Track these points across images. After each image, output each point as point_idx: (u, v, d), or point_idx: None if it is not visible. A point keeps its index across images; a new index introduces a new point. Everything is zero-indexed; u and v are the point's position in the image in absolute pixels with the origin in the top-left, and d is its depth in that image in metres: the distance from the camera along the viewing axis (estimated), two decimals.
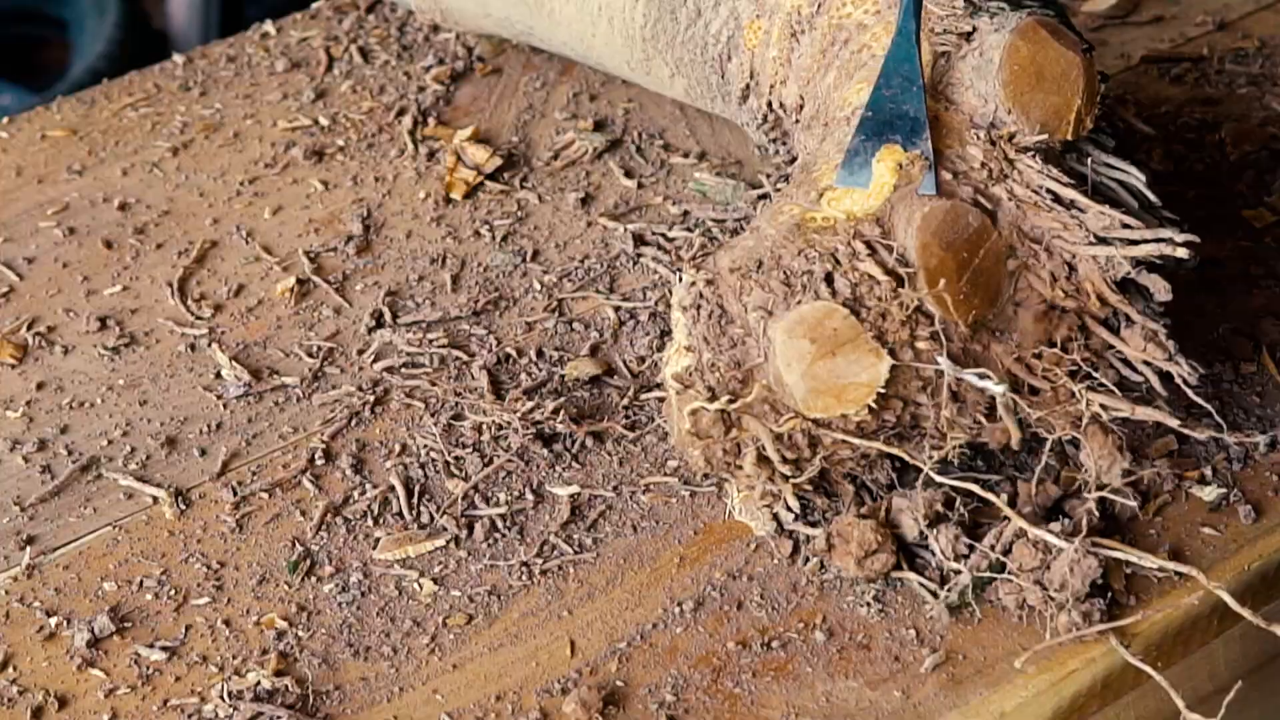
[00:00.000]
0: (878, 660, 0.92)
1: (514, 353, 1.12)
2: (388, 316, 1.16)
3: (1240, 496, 0.99)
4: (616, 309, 1.15)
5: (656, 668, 0.92)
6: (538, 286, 1.18)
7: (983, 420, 0.94)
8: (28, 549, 1.01)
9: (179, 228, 1.26)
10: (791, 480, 0.94)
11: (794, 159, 1.10)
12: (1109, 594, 0.92)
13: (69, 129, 1.37)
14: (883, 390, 0.91)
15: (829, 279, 0.91)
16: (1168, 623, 0.93)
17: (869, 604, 0.94)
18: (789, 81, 1.11)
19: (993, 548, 0.93)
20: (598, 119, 1.34)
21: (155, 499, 1.04)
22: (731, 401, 0.91)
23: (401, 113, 1.36)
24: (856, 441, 0.92)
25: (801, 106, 1.11)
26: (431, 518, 1.01)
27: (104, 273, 1.22)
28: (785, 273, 0.92)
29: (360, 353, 1.14)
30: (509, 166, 1.30)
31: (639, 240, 1.21)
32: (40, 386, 1.13)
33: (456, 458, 1.05)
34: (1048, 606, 0.91)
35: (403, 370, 1.12)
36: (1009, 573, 0.93)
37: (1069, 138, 0.98)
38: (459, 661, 0.93)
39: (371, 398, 1.10)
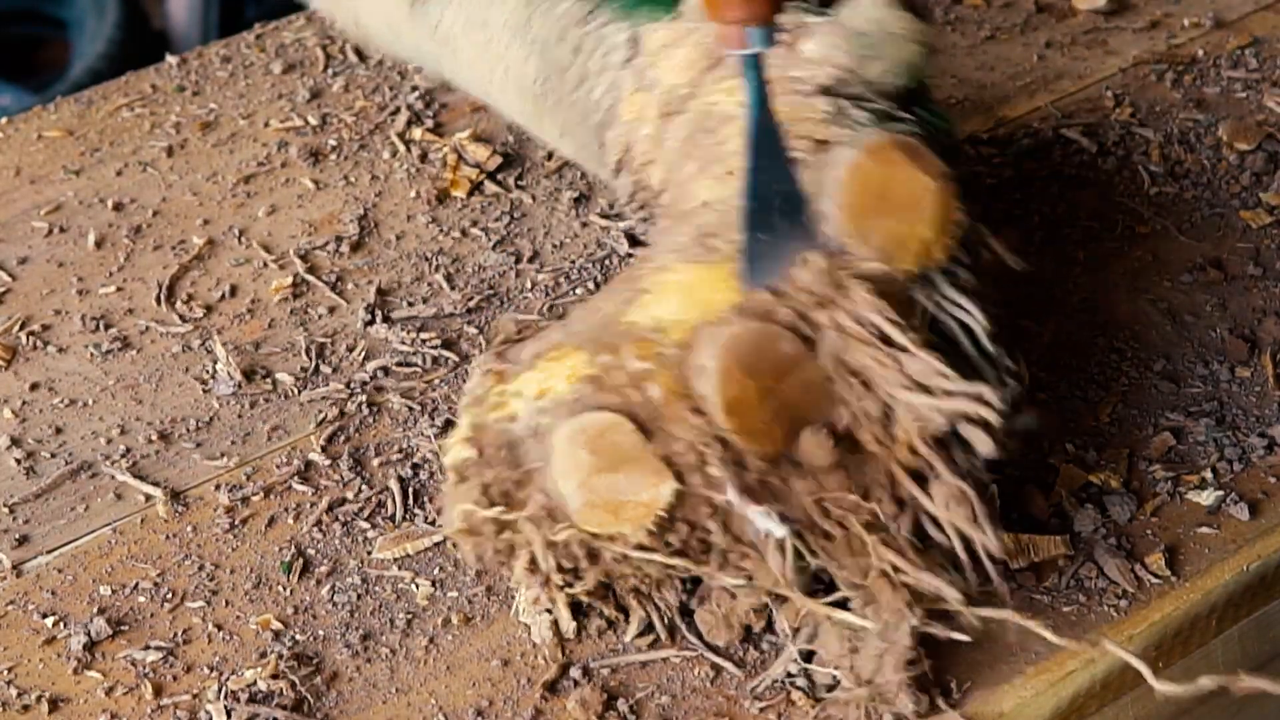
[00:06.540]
0: None
1: None
2: (382, 316, 1.16)
3: (1237, 498, 0.99)
4: None
5: (656, 668, 0.92)
6: (530, 285, 1.18)
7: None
8: (16, 551, 1.01)
9: (173, 228, 1.26)
10: (566, 591, 0.88)
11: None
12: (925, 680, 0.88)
13: (65, 129, 1.37)
14: (664, 513, 0.84)
15: (620, 390, 0.85)
16: (1166, 623, 0.93)
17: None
18: (657, 163, 1.05)
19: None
20: None
21: (150, 499, 1.04)
22: (505, 512, 0.85)
23: (395, 113, 1.36)
24: (636, 556, 0.85)
25: (663, 192, 1.04)
26: (428, 519, 1.01)
27: (98, 273, 1.22)
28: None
29: (354, 351, 1.13)
30: (504, 167, 1.30)
31: (632, 240, 1.21)
32: (34, 387, 1.12)
33: None
34: (872, 709, 0.87)
35: (398, 370, 1.11)
36: (816, 661, 0.89)
37: (913, 268, 0.89)
38: (457, 662, 0.93)
39: (366, 397, 1.09)
